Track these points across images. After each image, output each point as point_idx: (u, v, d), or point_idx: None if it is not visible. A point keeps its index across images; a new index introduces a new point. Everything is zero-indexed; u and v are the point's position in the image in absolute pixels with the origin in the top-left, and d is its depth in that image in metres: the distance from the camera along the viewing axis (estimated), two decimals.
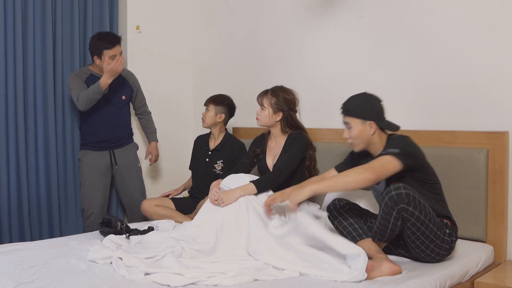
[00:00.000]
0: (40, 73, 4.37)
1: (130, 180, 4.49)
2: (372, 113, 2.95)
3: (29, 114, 4.31)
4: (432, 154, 3.43)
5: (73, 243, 3.27)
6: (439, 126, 3.57)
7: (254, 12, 4.72)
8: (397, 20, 3.75)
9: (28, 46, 4.30)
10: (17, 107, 4.23)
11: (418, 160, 2.84)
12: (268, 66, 4.62)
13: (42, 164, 4.36)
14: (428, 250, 2.76)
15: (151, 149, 4.64)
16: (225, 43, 5.03)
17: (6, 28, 4.17)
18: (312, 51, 4.29)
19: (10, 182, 4.21)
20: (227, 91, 4.92)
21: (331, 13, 4.12)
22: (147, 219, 4.26)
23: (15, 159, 4.23)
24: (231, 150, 4.14)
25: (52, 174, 4.42)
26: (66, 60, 4.54)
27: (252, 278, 2.55)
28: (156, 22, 5.04)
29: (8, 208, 4.21)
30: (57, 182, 4.45)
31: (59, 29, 4.47)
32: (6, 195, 4.19)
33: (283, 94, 3.48)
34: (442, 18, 3.55)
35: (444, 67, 3.55)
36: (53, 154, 4.41)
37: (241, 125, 4.77)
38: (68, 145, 4.54)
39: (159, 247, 3.00)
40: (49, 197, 4.42)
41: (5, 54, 4.18)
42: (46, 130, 4.39)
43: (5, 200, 4.18)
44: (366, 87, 3.89)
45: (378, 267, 2.62)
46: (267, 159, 3.59)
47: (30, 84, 4.31)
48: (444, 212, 2.92)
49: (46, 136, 4.39)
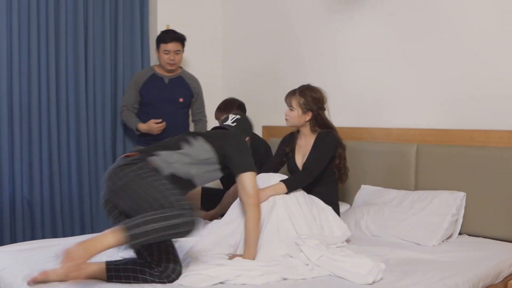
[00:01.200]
0: (72, 73, 4.45)
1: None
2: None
3: (62, 113, 4.38)
4: (464, 153, 3.41)
5: None
6: (472, 125, 3.51)
7: (285, 10, 4.70)
8: (428, 18, 3.70)
9: (60, 46, 4.37)
10: (49, 107, 4.31)
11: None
12: (298, 64, 4.60)
13: (74, 162, 4.43)
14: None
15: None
16: (255, 42, 5.02)
17: (39, 29, 4.26)
18: (343, 49, 4.25)
19: (43, 180, 4.30)
20: (257, 89, 4.95)
21: (363, 11, 4.08)
22: None
23: (48, 157, 4.31)
24: (257, 148, 4.11)
25: (83, 172, 4.48)
26: (97, 59, 4.60)
27: (281, 277, 2.54)
28: (186, 20, 5.05)
29: (41, 206, 4.30)
30: (88, 180, 4.52)
31: (91, 29, 4.54)
32: (39, 193, 4.27)
33: (310, 93, 3.45)
34: (474, 16, 3.49)
35: (476, 65, 3.49)
36: (84, 152, 4.48)
37: (271, 124, 4.76)
38: (99, 143, 4.60)
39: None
40: (80, 195, 4.49)
41: (38, 55, 4.26)
42: (78, 129, 4.46)
43: (38, 197, 4.26)
44: (397, 86, 3.88)
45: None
46: (296, 158, 3.57)
47: (63, 84, 4.39)
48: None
49: (78, 135, 4.46)
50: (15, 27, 4.14)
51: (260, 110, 4.92)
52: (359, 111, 4.13)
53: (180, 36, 4.35)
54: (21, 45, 4.19)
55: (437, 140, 3.61)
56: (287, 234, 2.97)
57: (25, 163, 4.25)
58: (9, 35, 4.14)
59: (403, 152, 3.69)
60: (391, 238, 3.33)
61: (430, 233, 3.23)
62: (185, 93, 4.47)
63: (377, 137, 3.94)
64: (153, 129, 4.26)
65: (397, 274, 2.60)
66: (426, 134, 3.67)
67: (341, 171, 3.49)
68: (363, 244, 3.17)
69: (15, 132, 4.18)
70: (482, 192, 3.32)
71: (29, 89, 4.25)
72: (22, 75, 4.20)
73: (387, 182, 3.77)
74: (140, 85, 4.39)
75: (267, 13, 4.88)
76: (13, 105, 4.17)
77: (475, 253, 2.98)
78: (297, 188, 3.23)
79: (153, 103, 4.37)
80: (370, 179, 3.87)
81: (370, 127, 4.01)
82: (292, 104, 3.46)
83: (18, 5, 4.14)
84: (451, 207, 3.32)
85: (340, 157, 3.46)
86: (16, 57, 4.15)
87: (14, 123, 4.18)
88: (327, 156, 3.39)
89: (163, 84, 4.41)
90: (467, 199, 3.37)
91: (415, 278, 2.55)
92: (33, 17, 4.21)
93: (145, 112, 4.39)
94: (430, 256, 2.93)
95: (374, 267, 2.55)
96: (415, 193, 3.54)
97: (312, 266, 2.67)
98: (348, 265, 2.61)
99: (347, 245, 3.10)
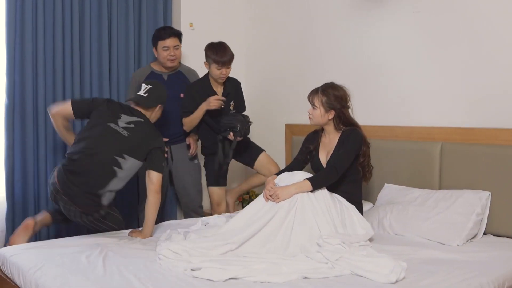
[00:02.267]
0: (96, 72, 4.50)
1: (186, 176, 4.48)
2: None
3: None
4: (488, 152, 3.37)
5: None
6: (496, 124, 3.46)
7: (308, 8, 4.69)
8: (453, 15, 3.66)
9: (85, 46, 4.43)
10: None
11: None
12: (322, 62, 4.58)
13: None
14: None
15: (191, 139, 4.47)
16: (278, 39, 5.01)
17: (64, 28, 4.32)
18: (367, 48, 4.23)
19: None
20: (280, 87, 4.95)
21: (387, 8, 4.05)
22: (202, 215, 4.29)
23: None
24: (236, 90, 4.34)
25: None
26: (121, 58, 4.64)
27: (302, 275, 2.53)
28: (209, 18, 5.08)
29: None
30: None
31: (115, 28, 4.58)
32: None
33: (333, 91, 3.43)
34: (497, 13, 3.44)
35: (500, 63, 3.44)
36: None
37: (294, 122, 4.76)
38: None
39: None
40: None
41: (63, 54, 4.32)
42: None
43: None
44: (421, 84, 3.85)
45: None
46: (320, 156, 3.56)
47: (87, 83, 4.45)
48: None
49: None
50: (41, 28, 4.19)
51: (283, 108, 4.93)
52: (383, 109, 4.10)
53: (177, 31, 4.33)
54: (46, 45, 4.24)
55: (461, 139, 3.57)
56: (311, 233, 2.97)
57: (50, 161, 4.29)
58: (35, 35, 4.20)
59: (427, 150, 3.66)
60: (414, 237, 3.30)
61: (454, 232, 3.19)
62: (184, 88, 4.37)
63: (401, 135, 3.90)
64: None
65: (420, 273, 2.57)
66: (450, 132, 3.63)
67: (365, 169, 3.48)
68: (386, 243, 3.15)
69: (40, 131, 4.23)
70: (507, 191, 3.27)
71: (54, 89, 4.30)
72: (47, 75, 4.26)
73: (411, 181, 3.74)
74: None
75: (291, 11, 4.87)
76: (38, 104, 4.22)
77: (500, 253, 2.95)
78: (322, 186, 3.22)
79: None
80: (394, 178, 3.85)
81: (394, 126, 3.97)
82: (314, 102, 3.44)
83: (43, 6, 4.20)
84: (476, 206, 3.28)
85: (364, 155, 3.44)
86: (41, 56, 4.21)
87: (39, 122, 4.23)
88: (352, 154, 3.37)
89: (163, 82, 4.28)
90: (492, 198, 3.33)
91: (439, 278, 2.52)
92: (58, 18, 4.27)
93: None
94: (454, 256, 2.90)
95: (396, 266, 2.53)
96: (439, 192, 3.50)
97: (333, 265, 2.66)
98: (369, 264, 2.59)
99: (370, 243, 3.08)
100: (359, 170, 3.46)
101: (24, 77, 4.17)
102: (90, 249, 3.00)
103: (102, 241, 3.22)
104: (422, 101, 3.86)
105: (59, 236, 4.21)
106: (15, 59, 4.13)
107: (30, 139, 4.19)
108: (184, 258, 2.73)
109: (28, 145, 4.19)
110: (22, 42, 4.16)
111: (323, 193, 3.19)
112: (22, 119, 4.18)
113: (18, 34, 4.14)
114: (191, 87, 4.27)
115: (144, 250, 3.03)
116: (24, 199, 4.20)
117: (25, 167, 4.20)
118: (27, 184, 4.20)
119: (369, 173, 3.52)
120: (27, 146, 4.19)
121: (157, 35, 4.29)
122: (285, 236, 2.98)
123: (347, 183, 3.41)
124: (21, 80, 4.16)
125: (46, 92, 4.25)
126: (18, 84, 4.16)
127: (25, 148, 4.19)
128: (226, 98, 4.16)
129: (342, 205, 3.24)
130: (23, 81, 4.17)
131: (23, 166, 4.19)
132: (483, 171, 3.39)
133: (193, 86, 4.28)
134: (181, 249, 2.79)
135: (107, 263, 2.73)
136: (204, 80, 4.26)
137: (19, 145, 4.17)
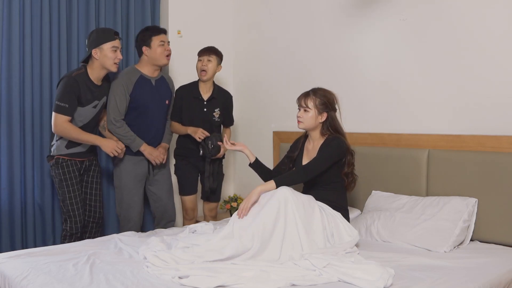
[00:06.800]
0: None
1: (162, 185, 4.32)
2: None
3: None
4: (475, 159, 3.39)
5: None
6: (483, 131, 3.48)
7: (296, 15, 4.70)
8: (439, 23, 3.68)
9: (72, 51, 4.42)
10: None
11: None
12: (309, 70, 4.59)
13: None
14: None
15: (161, 148, 4.25)
16: (265, 48, 5.03)
17: (51, 34, 4.29)
18: (354, 55, 4.25)
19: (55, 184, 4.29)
20: (268, 94, 4.95)
21: (374, 17, 4.07)
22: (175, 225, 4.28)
23: None
24: (225, 100, 4.43)
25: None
26: None
27: (290, 283, 2.53)
28: (197, 26, 5.08)
29: (52, 210, 4.34)
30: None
31: None
32: (50, 197, 4.31)
33: (324, 93, 3.44)
34: (487, 23, 3.46)
35: (488, 70, 3.46)
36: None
37: (282, 129, 4.76)
38: None
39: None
40: None
41: (50, 59, 4.30)
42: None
43: (49, 202, 4.31)
44: (409, 91, 3.86)
45: None
46: (303, 161, 3.55)
47: None
48: None
49: None
50: (28, 32, 4.17)
51: (270, 115, 4.93)
52: (370, 116, 4.11)
53: (164, 28, 4.22)
54: (33, 49, 4.22)
55: (448, 146, 3.59)
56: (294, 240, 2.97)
57: (37, 168, 4.27)
58: (22, 39, 4.17)
59: (414, 157, 3.68)
60: (402, 244, 3.32)
61: (442, 239, 3.21)
62: (168, 94, 4.29)
63: (389, 142, 3.92)
64: (154, 157, 4.11)
65: (408, 280, 2.58)
66: (437, 139, 3.65)
67: (349, 178, 3.47)
68: (373, 250, 3.16)
69: (27, 136, 4.21)
70: (494, 198, 3.30)
71: (41, 94, 4.27)
72: (34, 80, 4.23)
73: (398, 187, 3.76)
74: (130, 89, 4.05)
75: (279, 19, 4.88)
76: (25, 109, 4.20)
77: (487, 259, 2.96)
78: (287, 185, 3.18)
79: (141, 108, 4.09)
80: (381, 185, 3.86)
81: (382, 132, 3.99)
82: (307, 105, 3.42)
83: (30, 11, 4.18)
84: (463, 213, 3.30)
85: (348, 164, 3.43)
86: (28, 61, 4.18)
87: (26, 128, 4.21)
88: (329, 160, 3.34)
89: (151, 87, 4.15)
90: (479, 205, 3.36)
91: (426, 284, 2.53)
92: (45, 22, 4.25)
93: (135, 116, 4.10)
94: (441, 262, 2.91)
95: (384, 272, 2.54)
96: (426, 198, 3.52)
97: (320, 272, 2.66)
98: (357, 271, 2.60)
99: (357, 250, 3.09)
100: (343, 179, 3.45)
101: (10, 82, 4.14)
102: (77, 257, 2.98)
103: (90, 249, 3.19)
104: (409, 108, 3.88)
105: (45, 244, 4.20)
106: (1, 64, 4.11)
107: (17, 146, 4.16)
108: (172, 266, 2.72)
109: (15, 153, 4.16)
110: (8, 46, 4.13)
111: (309, 200, 3.19)
112: (8, 125, 4.15)
113: (5, 37, 4.11)
114: (179, 90, 4.36)
115: (131, 258, 3.01)
116: (10, 207, 4.16)
117: (11, 175, 4.17)
118: (13, 192, 4.17)
119: (353, 183, 3.50)
120: (14, 154, 4.16)
121: (149, 32, 4.10)
122: (270, 242, 2.97)
123: (330, 191, 3.41)
124: (8, 86, 4.14)
125: (33, 97, 4.22)
126: (5, 90, 4.13)
127: (11, 156, 4.16)
128: (209, 102, 4.30)
129: (328, 213, 3.23)
130: (9, 86, 4.14)
131: (10, 173, 4.16)
132: (470, 178, 3.41)
133: (181, 89, 4.36)
134: (169, 257, 2.79)
135: (94, 271, 2.72)
136: (193, 83, 4.37)
137: (5, 152, 4.14)
